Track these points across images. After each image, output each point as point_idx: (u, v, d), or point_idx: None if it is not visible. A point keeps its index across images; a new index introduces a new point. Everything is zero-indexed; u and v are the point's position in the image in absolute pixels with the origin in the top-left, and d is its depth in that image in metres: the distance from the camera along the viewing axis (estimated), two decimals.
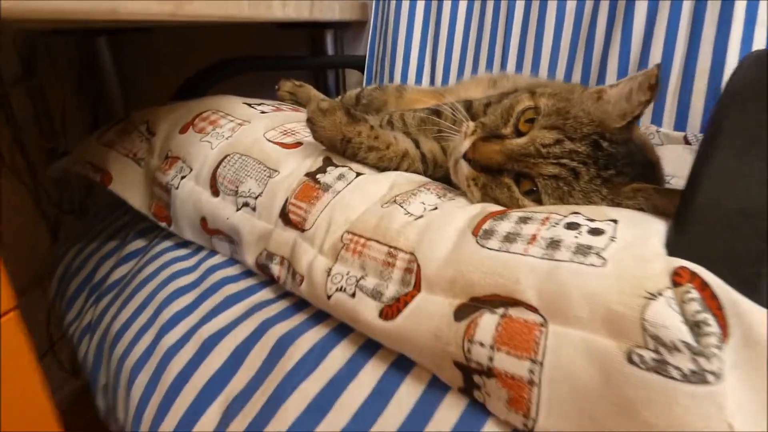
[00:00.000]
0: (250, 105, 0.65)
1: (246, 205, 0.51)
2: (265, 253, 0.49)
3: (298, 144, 0.54)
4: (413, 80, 0.99)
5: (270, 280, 0.50)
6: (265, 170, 0.52)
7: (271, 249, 0.48)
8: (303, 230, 0.46)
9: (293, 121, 0.60)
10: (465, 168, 0.46)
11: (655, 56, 0.71)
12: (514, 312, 0.32)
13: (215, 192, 0.54)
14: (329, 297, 0.41)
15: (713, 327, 0.27)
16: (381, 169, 0.52)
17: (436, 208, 0.43)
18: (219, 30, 1.22)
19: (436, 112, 0.59)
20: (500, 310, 0.33)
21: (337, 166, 0.50)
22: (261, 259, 0.49)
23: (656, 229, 0.34)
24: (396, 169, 0.52)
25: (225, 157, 0.55)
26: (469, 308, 0.34)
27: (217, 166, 0.55)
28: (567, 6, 0.81)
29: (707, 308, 0.27)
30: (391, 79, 1.01)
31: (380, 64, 1.03)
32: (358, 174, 0.49)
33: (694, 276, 0.28)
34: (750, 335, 0.27)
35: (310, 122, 0.50)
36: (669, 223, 0.34)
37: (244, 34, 1.21)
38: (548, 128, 0.43)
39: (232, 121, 0.60)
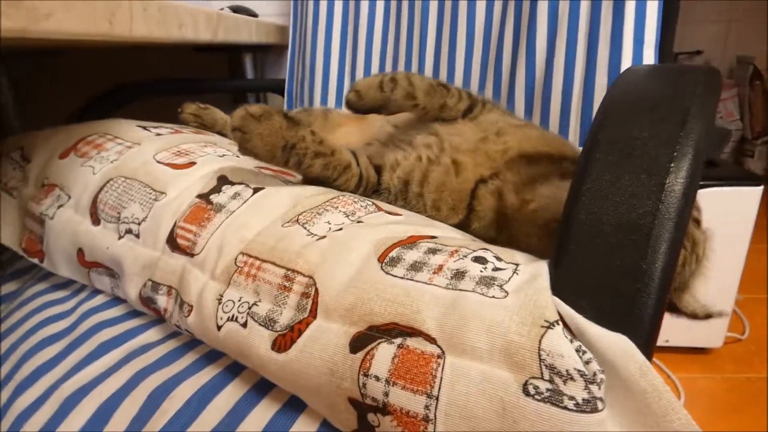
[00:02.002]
0: (144, 128, 0.59)
1: (129, 231, 0.45)
2: (150, 284, 0.43)
3: (191, 164, 0.50)
4: (334, 103, 0.97)
5: (155, 321, 0.44)
6: (150, 193, 0.46)
7: (156, 278, 0.43)
8: (193, 255, 0.41)
9: (190, 142, 0.56)
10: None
11: (558, 75, 0.72)
12: (412, 342, 0.29)
13: (96, 220, 0.48)
14: (219, 328, 0.36)
15: (588, 353, 0.26)
16: (322, 179, 0.48)
17: (340, 229, 0.39)
18: (133, 53, 1.15)
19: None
20: (398, 340, 0.29)
21: (233, 184, 0.46)
22: (145, 291, 0.43)
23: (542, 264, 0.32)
24: (335, 180, 0.49)
25: (108, 181, 0.49)
26: (366, 338, 0.30)
27: (99, 192, 0.49)
28: (476, 25, 0.82)
29: (574, 336, 0.27)
30: (312, 102, 0.98)
31: (300, 88, 1.01)
32: (257, 190, 0.45)
33: None
34: (603, 359, 0.26)
35: (240, 131, 0.44)
36: None
37: (160, 57, 1.14)
38: None
39: (120, 144, 0.54)
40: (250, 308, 0.36)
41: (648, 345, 0.28)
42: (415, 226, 0.39)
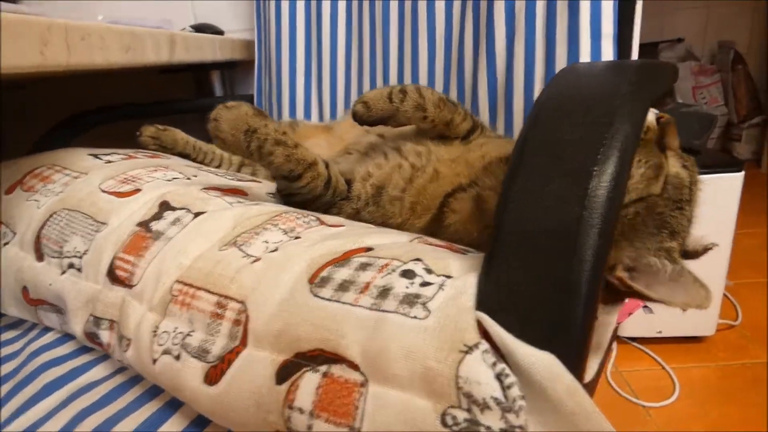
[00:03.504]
0: (96, 156, 0.58)
1: (71, 266, 0.44)
2: (92, 319, 0.42)
3: (136, 191, 0.48)
4: (302, 115, 0.96)
5: (104, 356, 0.43)
6: (92, 224, 0.45)
7: (98, 313, 0.41)
8: (131, 286, 0.40)
9: (140, 167, 0.54)
10: None
11: (518, 75, 0.71)
12: (336, 370, 0.28)
13: (39, 256, 0.46)
14: (155, 362, 0.35)
15: (512, 377, 0.24)
16: (287, 175, 0.48)
17: (276, 249, 0.38)
18: (100, 80, 1.14)
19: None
20: (323, 368, 0.28)
21: (175, 209, 0.45)
22: (88, 327, 0.42)
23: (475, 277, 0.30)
24: (301, 176, 0.49)
25: (51, 215, 0.48)
26: (292, 366, 0.29)
27: (42, 227, 0.47)
28: (437, 30, 0.81)
29: (499, 357, 0.25)
30: (280, 115, 0.97)
31: (269, 102, 1.00)
32: (198, 214, 0.44)
33: (479, 324, 0.26)
34: (530, 381, 0.24)
35: (213, 120, 0.48)
36: None
37: (128, 82, 1.14)
38: None
39: (67, 175, 0.53)
40: (183, 339, 0.34)
41: (579, 358, 0.27)
42: (354, 237, 0.38)
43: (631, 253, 0.38)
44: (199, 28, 1.02)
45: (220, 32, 1.08)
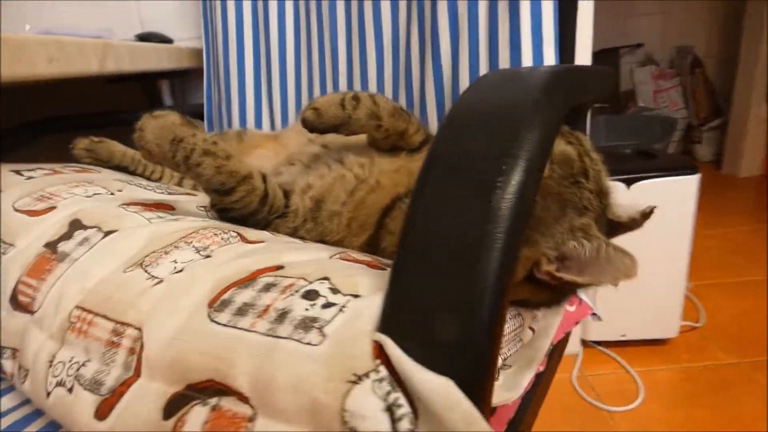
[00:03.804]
0: (18, 172, 0.55)
1: None
2: None
3: (50, 209, 0.46)
4: (253, 123, 0.94)
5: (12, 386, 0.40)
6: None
7: (2, 342, 0.39)
8: (32, 312, 0.37)
9: (60, 183, 0.52)
10: None
11: (464, 82, 0.70)
12: (225, 403, 0.26)
13: None
14: (49, 395, 0.33)
15: (404, 407, 0.23)
16: (219, 189, 0.45)
17: (182, 270, 0.36)
18: (46, 90, 1.10)
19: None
20: (213, 401, 0.26)
21: (86, 228, 0.42)
22: None
23: (380, 297, 0.29)
24: (234, 190, 0.46)
25: None
26: (182, 399, 0.27)
27: None
28: (384, 38, 0.80)
29: (396, 385, 0.24)
30: (230, 124, 0.95)
31: (219, 112, 0.97)
32: (109, 233, 0.41)
33: (381, 349, 0.24)
34: (427, 409, 0.23)
35: (139, 129, 0.44)
36: None
37: (74, 91, 1.10)
38: None
39: None
40: (78, 370, 0.32)
41: (481, 382, 0.25)
42: (270, 254, 0.36)
43: (549, 242, 0.36)
44: (145, 37, 0.99)
45: (168, 41, 1.05)
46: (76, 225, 0.42)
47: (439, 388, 0.23)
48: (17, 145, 0.80)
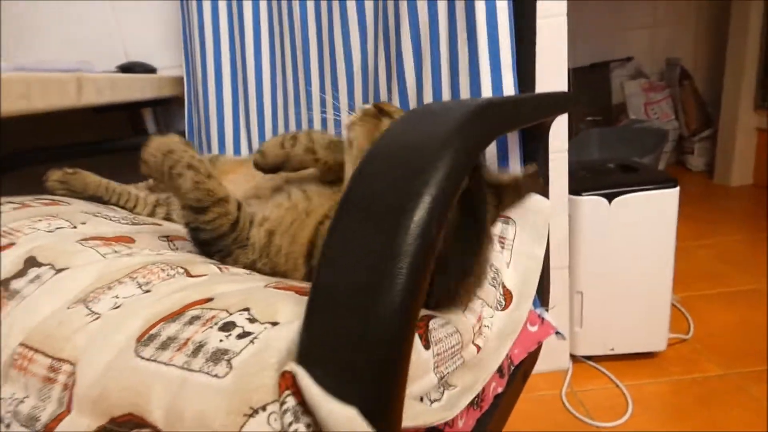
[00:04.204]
0: None
1: None
2: None
3: (9, 246, 0.47)
4: (232, 149, 0.96)
5: None
6: None
7: None
8: None
9: (24, 218, 0.53)
10: None
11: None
12: None
13: None
14: None
15: None
16: (191, 201, 0.48)
17: (119, 306, 0.37)
18: (30, 120, 1.13)
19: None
20: None
21: (40, 265, 0.43)
22: None
23: (295, 327, 0.30)
24: (209, 209, 0.48)
25: None
26: None
27: None
28: (354, 65, 0.82)
29: (303, 415, 0.24)
30: (210, 150, 0.97)
31: (199, 138, 1.00)
32: (61, 270, 0.42)
33: (294, 380, 0.25)
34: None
35: (145, 145, 0.49)
36: None
37: (55, 122, 1.13)
38: None
39: None
40: (17, 407, 0.33)
41: (386, 412, 0.26)
42: (206, 287, 0.37)
43: None
44: (128, 68, 1.02)
45: (152, 69, 1.08)
46: (31, 262, 0.44)
47: (344, 418, 0.24)
48: (3, 173, 0.82)
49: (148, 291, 0.38)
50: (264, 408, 0.24)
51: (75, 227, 0.52)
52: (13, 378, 0.35)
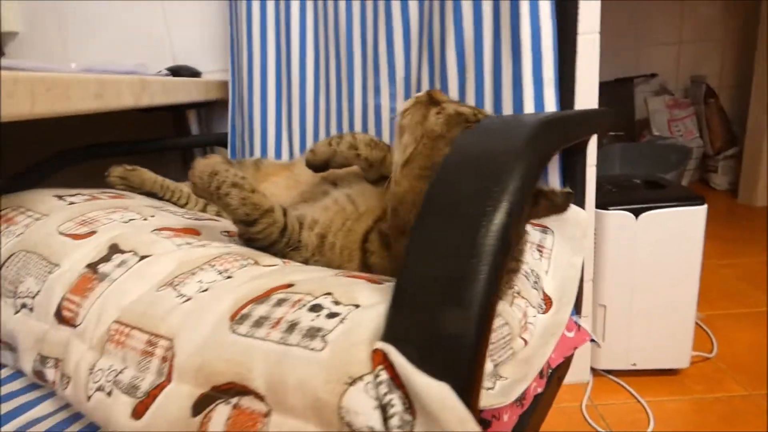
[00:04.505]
0: (60, 197, 0.61)
1: (24, 306, 0.46)
2: (38, 358, 0.44)
3: (91, 234, 0.51)
4: (273, 153, 1.00)
5: (52, 392, 0.45)
6: (46, 266, 0.48)
7: (45, 352, 0.43)
8: (75, 326, 0.42)
9: (98, 209, 0.57)
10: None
11: None
12: (245, 402, 0.31)
13: None
14: (89, 398, 0.37)
15: (397, 407, 0.27)
16: (240, 216, 0.51)
17: (207, 289, 0.40)
18: (75, 118, 1.19)
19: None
20: (234, 400, 0.31)
21: (123, 252, 0.47)
22: (36, 365, 0.44)
23: (379, 310, 0.33)
24: (257, 222, 0.51)
25: (10, 256, 0.50)
26: (208, 399, 0.32)
27: (1, 268, 0.50)
28: (396, 75, 0.86)
29: (396, 388, 0.27)
30: (252, 153, 1.01)
31: (242, 141, 1.04)
32: (144, 257, 0.46)
33: (385, 357, 0.28)
34: (426, 410, 0.27)
35: (191, 168, 0.52)
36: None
37: (106, 121, 1.18)
38: None
39: (30, 216, 0.56)
40: (116, 376, 0.37)
41: (469, 390, 0.29)
42: (280, 275, 0.41)
43: None
44: (176, 71, 1.07)
45: (197, 73, 1.13)
46: (114, 249, 0.47)
47: (436, 392, 0.27)
48: (57, 170, 0.87)
49: (229, 277, 0.41)
50: (361, 378, 0.28)
51: (145, 219, 0.56)
52: (111, 352, 0.38)
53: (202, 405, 0.31)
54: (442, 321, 0.29)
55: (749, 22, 2.26)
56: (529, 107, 0.69)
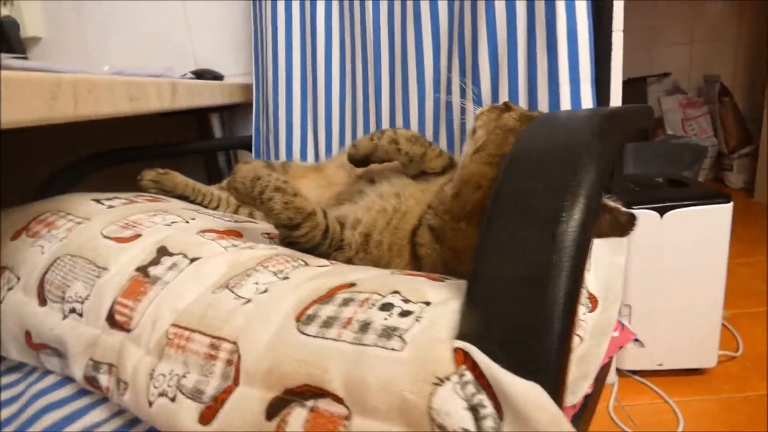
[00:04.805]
0: (98, 201, 0.61)
1: (73, 311, 0.46)
2: (91, 364, 0.43)
3: (136, 237, 0.51)
4: (298, 155, 1.00)
5: (103, 399, 0.44)
6: (94, 270, 0.47)
7: (97, 357, 0.43)
8: (129, 330, 0.42)
9: (139, 212, 0.57)
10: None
11: None
12: (322, 404, 0.30)
13: (42, 301, 0.48)
14: (151, 404, 0.37)
15: (488, 408, 0.26)
16: (286, 224, 0.51)
17: (266, 290, 0.40)
18: (102, 123, 1.19)
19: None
20: (310, 403, 0.30)
21: (172, 255, 0.46)
22: (88, 371, 0.43)
23: (452, 307, 0.32)
24: (299, 226, 0.52)
25: (55, 260, 0.50)
26: (281, 402, 0.31)
27: (46, 272, 0.49)
28: (426, 75, 0.85)
29: (481, 388, 0.27)
30: (277, 156, 1.01)
31: (266, 143, 1.04)
32: (194, 260, 0.45)
33: (467, 356, 0.28)
34: (516, 410, 0.26)
35: (233, 173, 0.53)
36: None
37: (129, 125, 1.18)
38: None
39: (71, 220, 0.55)
40: (179, 381, 0.36)
41: (555, 391, 0.28)
42: (338, 275, 0.40)
43: None
44: (200, 74, 1.07)
45: (219, 77, 1.12)
46: (163, 251, 0.47)
47: (526, 392, 0.26)
48: (84, 176, 0.87)
49: (286, 278, 0.41)
50: (448, 378, 0.27)
51: (187, 222, 0.55)
52: (171, 356, 0.37)
53: (276, 408, 0.31)
54: (525, 318, 0.28)
55: (761, 21, 2.24)
56: (565, 105, 0.68)
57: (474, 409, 0.26)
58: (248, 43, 1.08)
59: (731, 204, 1.14)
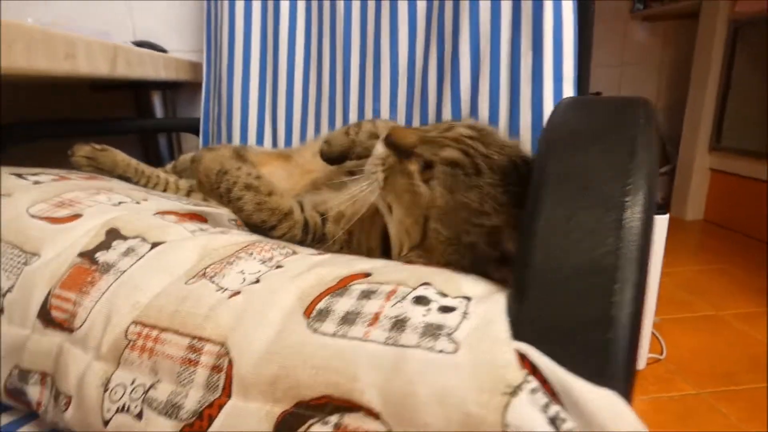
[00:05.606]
0: (20, 176, 0.50)
1: None
2: (16, 372, 0.34)
3: (75, 217, 0.41)
4: (254, 140, 0.91)
5: (31, 414, 0.35)
6: (20, 256, 0.38)
7: (25, 364, 0.34)
8: (72, 330, 0.33)
9: (77, 189, 0.47)
10: (379, 148, 0.43)
11: (483, 113, 0.72)
12: (350, 420, 0.24)
13: None
14: (107, 423, 0.29)
15: (569, 422, 0.22)
16: (260, 225, 0.45)
17: (257, 281, 0.33)
18: (25, 91, 1.02)
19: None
20: (334, 419, 0.24)
21: (126, 238, 0.38)
22: (11, 382, 0.34)
23: (501, 302, 0.28)
24: (275, 227, 0.46)
25: None
26: (294, 419, 0.25)
27: None
28: (399, 62, 0.81)
29: (549, 396, 0.23)
30: (230, 140, 0.92)
31: (217, 126, 0.94)
32: (156, 244, 0.37)
33: (524, 359, 0.23)
34: (591, 421, 0.22)
35: (194, 161, 0.47)
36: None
37: (54, 95, 1.02)
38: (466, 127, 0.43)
39: None
40: (146, 393, 0.28)
41: (628, 395, 0.25)
42: (342, 264, 0.34)
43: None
44: (141, 45, 0.95)
45: (162, 51, 1.01)
46: (114, 234, 0.38)
47: (603, 401, 0.22)
48: (8, 144, 0.73)
49: (279, 267, 0.34)
50: (520, 387, 0.22)
51: (138, 203, 0.47)
52: (132, 361, 0.30)
53: (286, 427, 0.24)
54: (591, 314, 0.25)
55: (684, 52, 2.45)
56: (548, 103, 0.67)
57: (553, 423, 0.22)
58: (198, 16, 0.98)
59: (667, 216, 1.20)
